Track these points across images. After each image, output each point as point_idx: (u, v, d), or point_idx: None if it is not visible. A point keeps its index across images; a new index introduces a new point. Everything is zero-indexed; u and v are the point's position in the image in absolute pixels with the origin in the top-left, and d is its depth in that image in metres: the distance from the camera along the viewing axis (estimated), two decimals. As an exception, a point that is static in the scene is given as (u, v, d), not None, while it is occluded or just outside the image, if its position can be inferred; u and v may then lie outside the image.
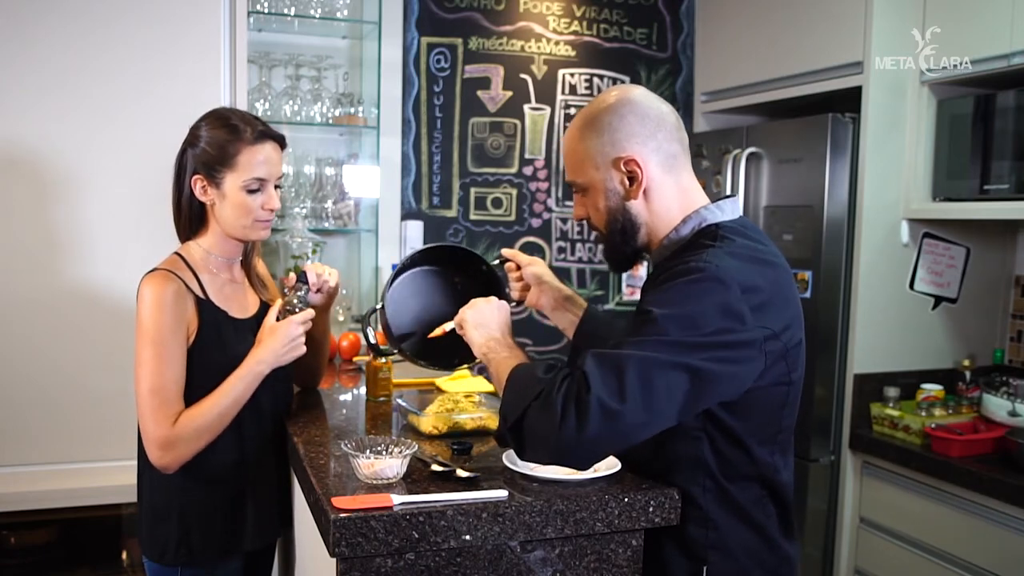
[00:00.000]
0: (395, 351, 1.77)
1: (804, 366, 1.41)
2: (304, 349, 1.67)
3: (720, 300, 1.23)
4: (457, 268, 1.84)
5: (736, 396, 1.29)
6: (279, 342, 1.64)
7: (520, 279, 1.74)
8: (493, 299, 1.53)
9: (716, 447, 1.34)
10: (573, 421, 1.17)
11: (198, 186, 1.64)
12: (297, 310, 1.72)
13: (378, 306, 1.75)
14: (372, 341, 1.88)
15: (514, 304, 1.76)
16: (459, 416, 1.66)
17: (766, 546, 1.38)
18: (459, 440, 1.57)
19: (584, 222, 1.53)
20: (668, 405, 1.20)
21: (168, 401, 1.56)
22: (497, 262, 1.80)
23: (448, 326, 1.60)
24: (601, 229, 1.43)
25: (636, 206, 1.39)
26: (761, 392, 1.31)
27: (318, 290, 1.81)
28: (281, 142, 1.70)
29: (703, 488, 1.35)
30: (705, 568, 1.35)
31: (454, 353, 1.73)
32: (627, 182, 1.38)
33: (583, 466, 1.25)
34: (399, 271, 1.80)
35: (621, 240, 1.42)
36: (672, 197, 1.40)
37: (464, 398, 1.78)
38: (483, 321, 1.49)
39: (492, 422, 1.68)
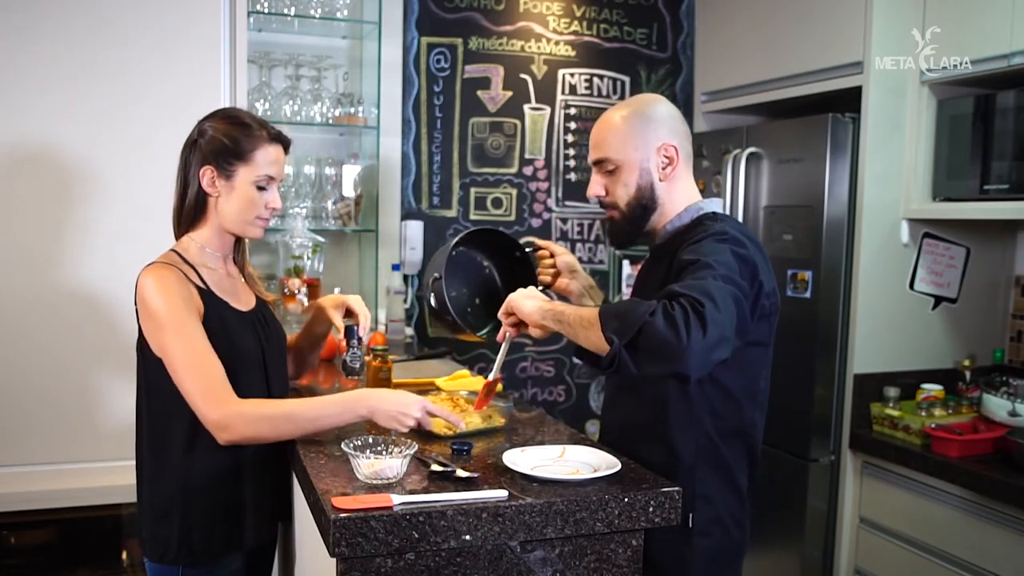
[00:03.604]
0: (448, 318, 1.88)
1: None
2: (404, 430, 1.57)
3: (742, 253, 1.48)
4: (492, 251, 2.02)
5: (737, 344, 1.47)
6: (393, 404, 1.55)
7: (553, 266, 1.92)
8: (531, 288, 1.63)
9: (712, 404, 1.56)
10: (697, 331, 1.31)
11: (206, 177, 1.65)
12: (358, 365, 1.88)
13: (436, 275, 1.86)
14: (433, 305, 1.90)
15: (542, 288, 1.91)
16: (470, 416, 1.67)
17: (738, 501, 1.61)
18: (459, 440, 1.58)
19: (597, 201, 1.70)
20: (734, 326, 1.39)
21: (211, 373, 1.52)
22: (530, 250, 1.98)
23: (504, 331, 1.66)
24: (621, 206, 1.64)
25: (661, 188, 1.64)
26: (747, 350, 1.53)
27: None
28: (288, 147, 1.74)
29: (696, 445, 1.57)
30: (692, 516, 1.56)
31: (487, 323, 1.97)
32: (661, 166, 1.63)
33: (698, 372, 1.35)
34: (452, 248, 1.93)
35: (640, 216, 1.64)
36: (685, 189, 1.67)
37: (457, 397, 1.82)
38: (529, 294, 1.59)
39: (499, 420, 1.71)
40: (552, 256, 1.93)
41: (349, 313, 1.93)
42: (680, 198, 1.65)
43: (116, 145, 2.32)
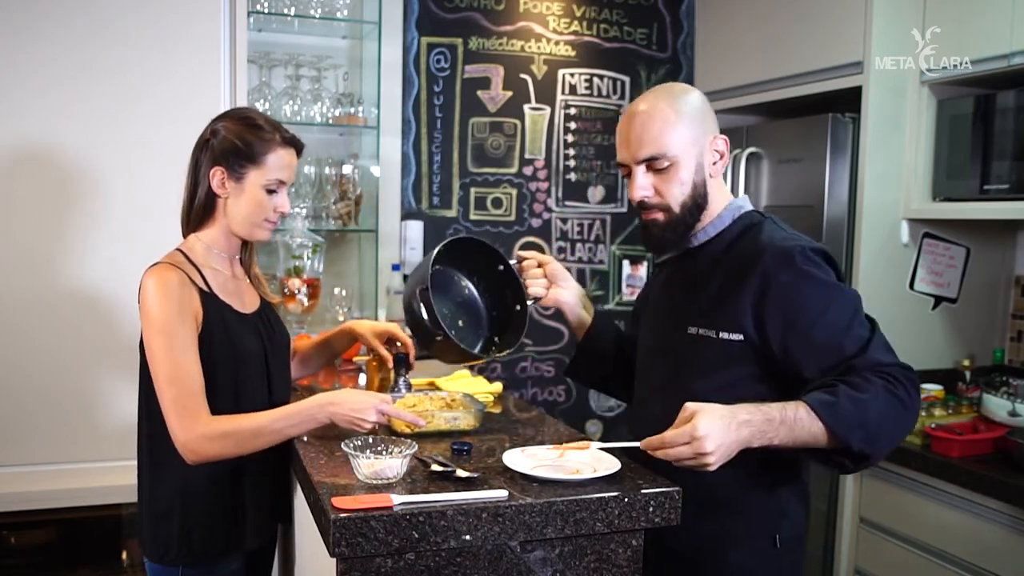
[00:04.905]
0: (439, 336, 1.66)
1: None
2: (362, 432, 1.56)
3: (834, 260, 1.45)
4: (472, 268, 1.85)
5: None
6: (348, 409, 1.55)
7: (543, 276, 1.76)
8: (702, 427, 1.27)
9: None
10: (916, 397, 1.36)
11: (216, 178, 1.64)
12: (403, 391, 1.87)
13: (423, 286, 1.65)
14: (425, 318, 1.65)
15: (533, 301, 1.77)
16: (433, 416, 1.67)
17: (807, 511, 1.57)
18: (459, 440, 1.58)
19: (644, 201, 1.52)
20: None
21: (188, 391, 1.54)
22: (514, 262, 1.80)
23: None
24: (675, 207, 1.50)
25: (711, 185, 1.52)
26: None
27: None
28: (300, 151, 1.72)
29: (780, 460, 1.46)
30: (777, 536, 1.49)
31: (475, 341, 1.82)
32: (712, 161, 1.52)
33: None
34: (433, 262, 1.72)
35: (689, 216, 1.51)
36: (723, 186, 1.57)
37: (427, 398, 1.81)
38: (721, 439, 1.27)
39: (465, 422, 1.69)
40: (540, 265, 1.77)
41: (390, 341, 1.95)
42: (719, 196, 1.54)
43: (116, 145, 2.32)
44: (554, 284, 1.76)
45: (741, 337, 1.43)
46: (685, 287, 1.57)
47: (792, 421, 1.30)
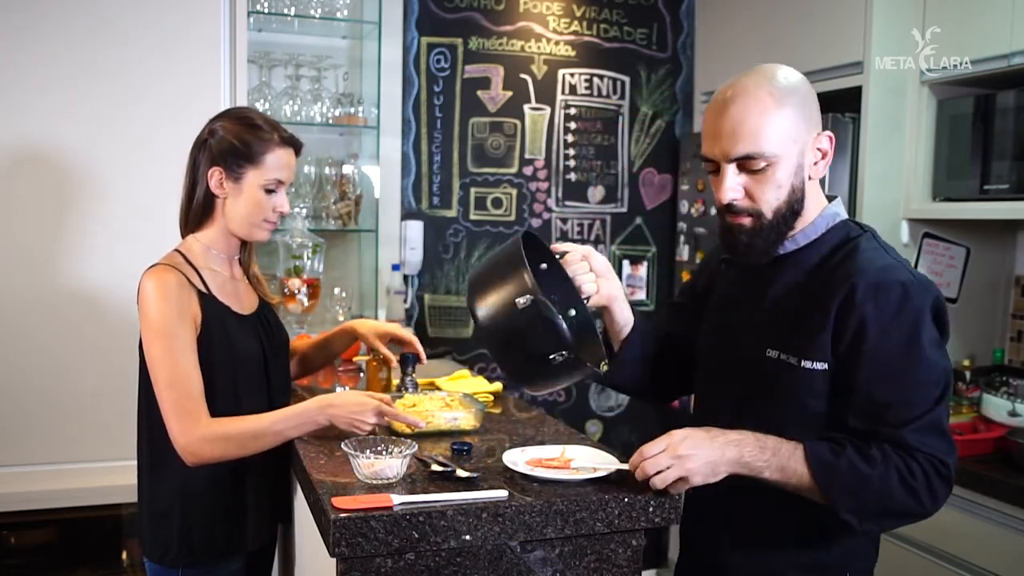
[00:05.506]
0: (560, 357, 1.32)
1: None
2: (362, 434, 1.55)
3: (938, 305, 1.34)
4: None
5: None
6: (348, 411, 1.55)
7: (591, 269, 1.47)
8: (678, 434, 1.27)
9: None
10: (941, 494, 1.25)
11: (214, 178, 1.64)
12: (407, 391, 1.87)
13: (527, 297, 1.30)
14: (564, 329, 1.31)
15: (585, 298, 1.48)
16: (433, 416, 1.67)
17: (874, 548, 1.45)
18: (459, 440, 1.58)
19: (732, 204, 1.32)
20: None
21: (188, 394, 1.54)
22: (559, 256, 1.49)
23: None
24: (767, 212, 1.31)
25: (808, 188, 1.34)
26: None
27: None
28: (299, 151, 1.72)
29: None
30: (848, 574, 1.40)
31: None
32: (813, 161, 1.33)
33: None
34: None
35: (782, 224, 1.32)
36: (820, 190, 1.38)
37: (427, 399, 1.81)
38: (699, 448, 1.25)
39: (465, 422, 1.69)
40: (583, 258, 1.47)
41: (396, 342, 1.96)
42: (815, 201, 1.35)
43: (116, 145, 2.32)
44: (601, 279, 1.48)
45: (825, 366, 1.29)
46: (765, 300, 1.38)
47: (785, 458, 1.26)
